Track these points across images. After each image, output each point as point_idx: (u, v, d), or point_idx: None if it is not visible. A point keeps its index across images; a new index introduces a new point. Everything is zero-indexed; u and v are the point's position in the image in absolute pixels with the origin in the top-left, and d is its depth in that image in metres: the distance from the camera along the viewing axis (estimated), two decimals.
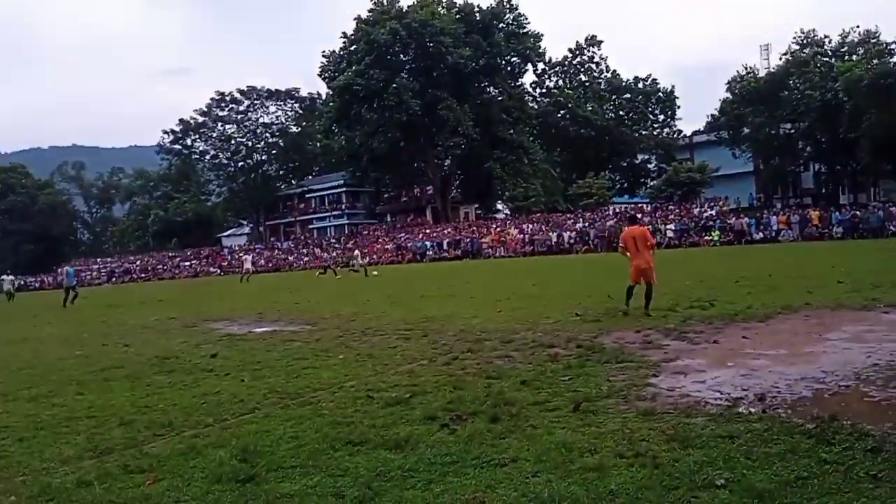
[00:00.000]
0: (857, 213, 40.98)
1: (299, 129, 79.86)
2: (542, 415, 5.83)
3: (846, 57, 55.10)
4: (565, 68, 74.81)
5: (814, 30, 60.27)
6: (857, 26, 62.11)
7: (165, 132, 78.57)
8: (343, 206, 77.53)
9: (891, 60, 49.98)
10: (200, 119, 77.08)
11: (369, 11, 61.83)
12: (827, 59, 56.95)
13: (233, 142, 78.35)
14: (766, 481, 3.99)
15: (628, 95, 74.93)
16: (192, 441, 5.76)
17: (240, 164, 79.49)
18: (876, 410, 5.46)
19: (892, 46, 52.37)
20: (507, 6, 62.24)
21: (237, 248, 72.82)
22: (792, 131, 58.57)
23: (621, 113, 75.14)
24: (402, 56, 61.51)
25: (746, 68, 61.05)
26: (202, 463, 5.12)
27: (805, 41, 58.51)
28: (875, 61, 49.50)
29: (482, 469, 4.57)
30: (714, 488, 3.97)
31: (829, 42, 58.17)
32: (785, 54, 59.41)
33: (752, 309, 11.47)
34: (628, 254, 11.94)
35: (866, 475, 4.02)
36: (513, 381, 7.18)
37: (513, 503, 3.96)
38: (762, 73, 60.37)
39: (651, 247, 11.86)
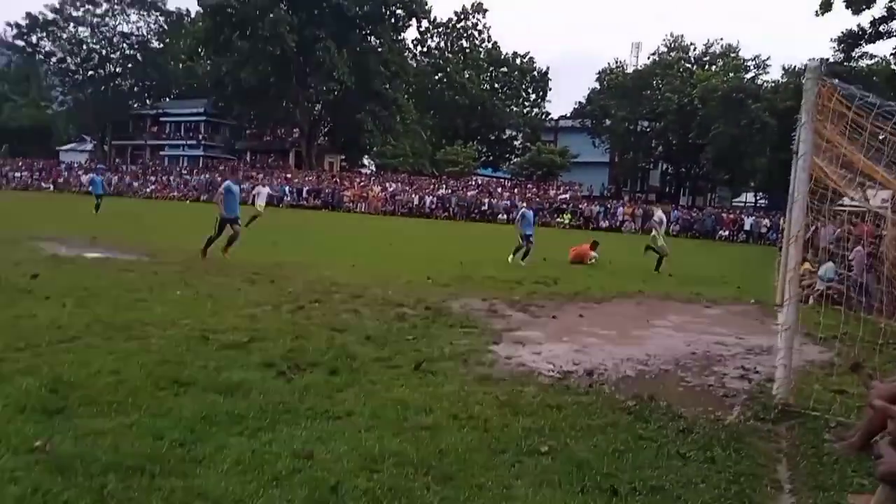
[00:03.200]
0: (694, 213, 44.54)
1: (161, 45, 73.71)
2: (383, 371, 5.83)
3: (707, 66, 59.14)
4: (448, 31, 74.61)
5: (682, 35, 64.12)
6: (721, 38, 66.89)
7: (9, 24, 69.66)
8: (200, 137, 72.87)
9: (745, 76, 54.16)
10: (51, 16, 68.98)
11: None
12: (690, 65, 60.89)
13: (84, 47, 70.92)
14: (586, 451, 4.21)
15: (505, 69, 76.14)
16: None
17: (90, 73, 72.24)
18: (690, 395, 5.93)
19: (749, 64, 56.78)
20: None
21: (76, 165, 66.74)
22: (648, 129, 62.41)
23: (496, 85, 76.36)
24: None
25: (617, 62, 64.07)
26: (6, 390, 4.64)
27: (673, 45, 62.13)
28: (731, 74, 53.58)
29: (315, 420, 4.48)
30: (538, 454, 4.13)
31: (694, 49, 62.10)
32: (653, 54, 62.91)
33: (591, 291, 12.15)
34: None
35: (676, 453, 4.35)
36: (357, 336, 7.12)
37: (342, 457, 3.90)
38: (630, 70, 63.51)
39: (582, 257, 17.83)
